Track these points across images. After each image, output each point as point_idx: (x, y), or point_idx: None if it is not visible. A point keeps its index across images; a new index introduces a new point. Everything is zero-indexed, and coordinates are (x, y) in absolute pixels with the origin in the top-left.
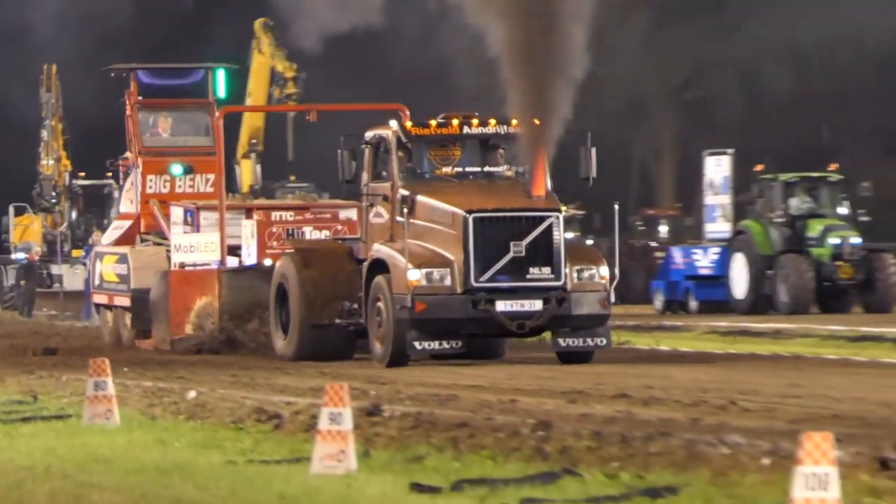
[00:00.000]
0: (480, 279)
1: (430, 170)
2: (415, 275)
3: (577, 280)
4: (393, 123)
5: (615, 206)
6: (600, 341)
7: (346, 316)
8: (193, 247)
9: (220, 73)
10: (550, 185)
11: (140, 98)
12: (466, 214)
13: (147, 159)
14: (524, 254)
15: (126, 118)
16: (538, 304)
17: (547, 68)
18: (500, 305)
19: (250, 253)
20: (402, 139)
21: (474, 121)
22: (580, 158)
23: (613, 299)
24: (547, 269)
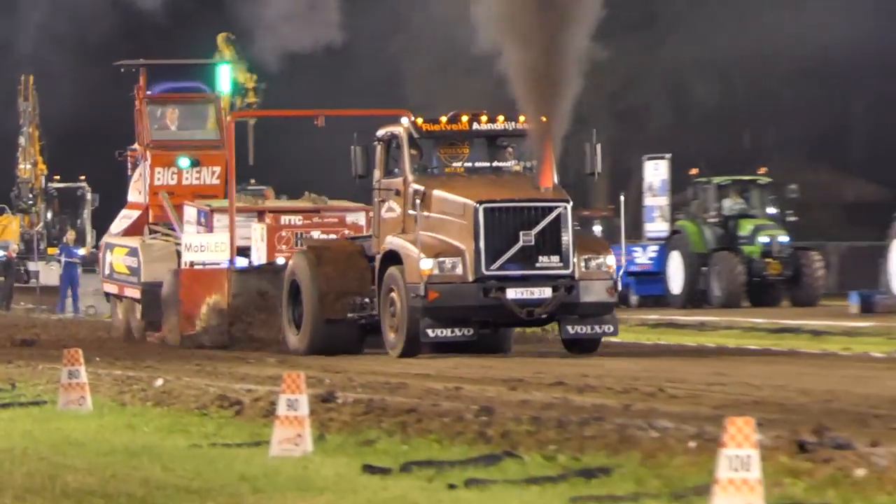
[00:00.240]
0: (491, 268)
1: (439, 166)
2: (427, 264)
3: (584, 269)
4: (404, 121)
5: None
6: (608, 328)
7: (358, 310)
8: (204, 246)
9: (225, 69)
10: (556, 178)
11: (149, 93)
12: (477, 205)
13: (155, 152)
14: (533, 243)
15: (135, 112)
16: (547, 292)
17: (553, 67)
18: (511, 293)
19: (259, 256)
20: (414, 136)
21: (483, 118)
22: (586, 154)
23: (620, 287)
24: (556, 258)
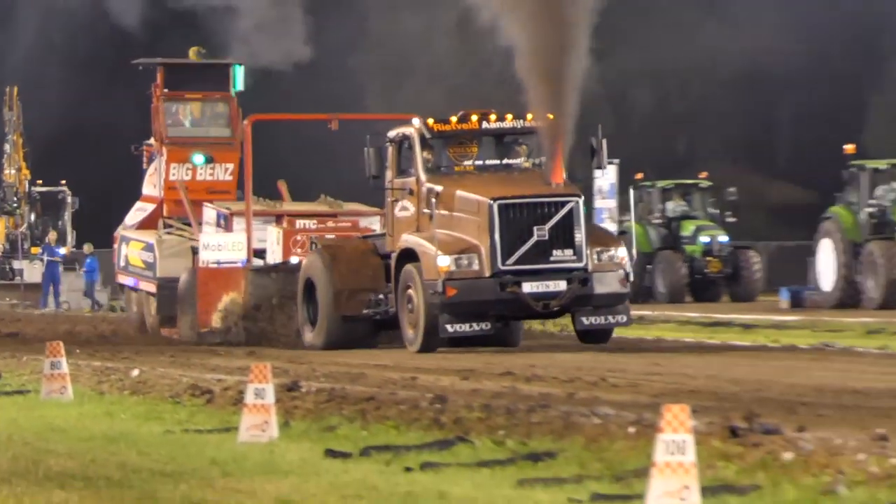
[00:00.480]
0: (507, 263)
1: (450, 165)
2: (444, 261)
3: (597, 261)
4: (415, 121)
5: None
6: (621, 318)
7: (372, 307)
8: (221, 245)
9: (240, 69)
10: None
11: (165, 91)
12: (491, 202)
13: (171, 148)
14: (547, 237)
15: (151, 108)
16: (562, 285)
17: (560, 66)
18: (527, 287)
19: (275, 258)
20: (426, 136)
21: (492, 116)
22: (596, 150)
23: (632, 278)
24: (569, 252)
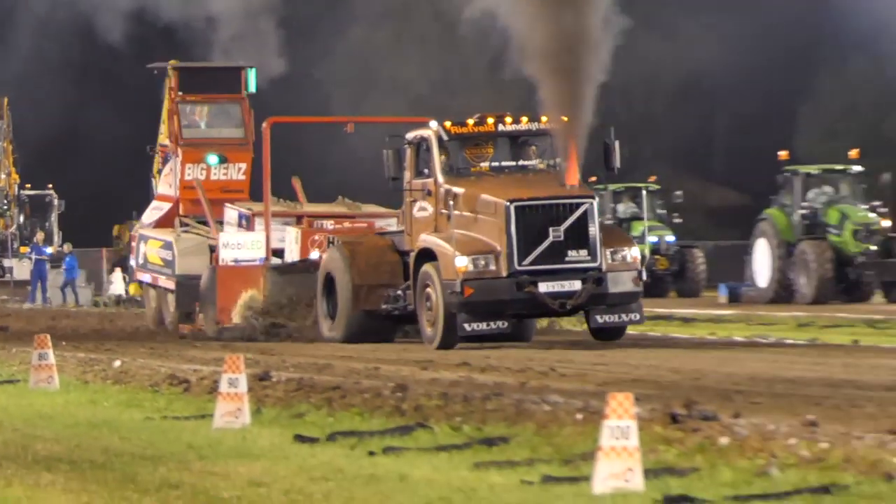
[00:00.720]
0: (523, 263)
1: (466, 167)
2: (462, 261)
3: (611, 261)
4: (433, 124)
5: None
6: (634, 316)
7: (391, 302)
8: (241, 244)
9: (252, 72)
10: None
11: (180, 93)
12: (508, 203)
13: (186, 149)
14: (562, 238)
15: (167, 111)
16: (577, 284)
17: (575, 69)
18: (543, 287)
19: (293, 257)
20: (443, 138)
21: (507, 119)
22: (609, 151)
23: (645, 277)
24: (584, 252)
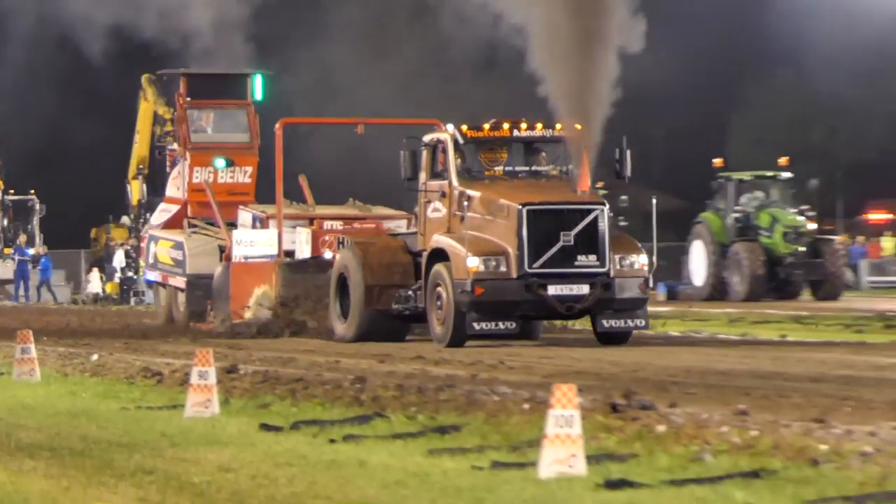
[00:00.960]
0: (533, 266)
1: (480, 170)
2: (474, 262)
3: (619, 267)
4: (449, 127)
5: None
6: (640, 322)
7: (402, 302)
8: (254, 241)
9: (258, 79)
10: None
11: (188, 99)
12: (521, 207)
13: (194, 153)
14: (573, 243)
15: (176, 116)
16: (585, 289)
17: (588, 79)
18: (552, 290)
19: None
20: (459, 141)
21: (523, 125)
22: (621, 159)
23: (652, 284)
24: (593, 257)
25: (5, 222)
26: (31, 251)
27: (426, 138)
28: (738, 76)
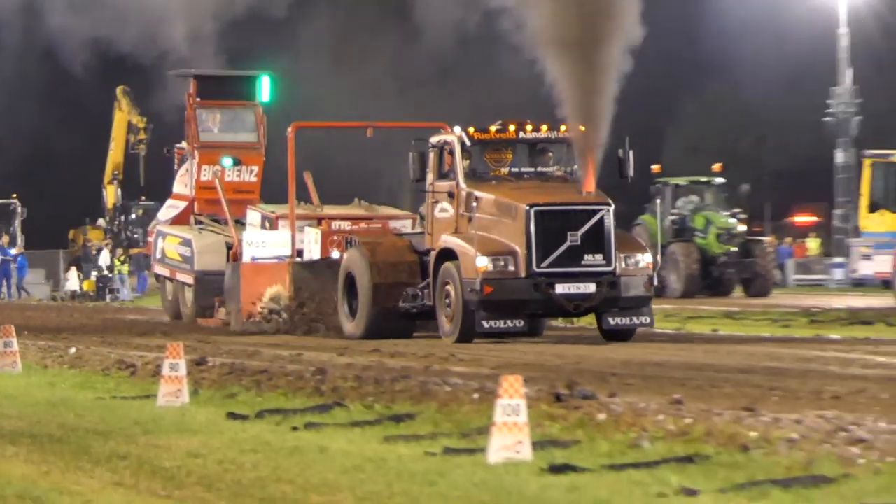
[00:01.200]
0: (541, 265)
1: (486, 171)
2: (483, 261)
3: (624, 266)
4: (457, 129)
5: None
6: (644, 320)
7: (409, 300)
8: (265, 242)
9: (265, 80)
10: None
11: (198, 99)
12: (528, 208)
13: (202, 152)
14: (579, 242)
15: (186, 116)
16: (592, 287)
17: (593, 82)
18: (559, 288)
19: (313, 257)
20: (466, 143)
21: (528, 126)
22: (623, 160)
23: (656, 283)
24: (599, 256)
25: None
26: (13, 251)
27: (433, 140)
28: (675, 89)
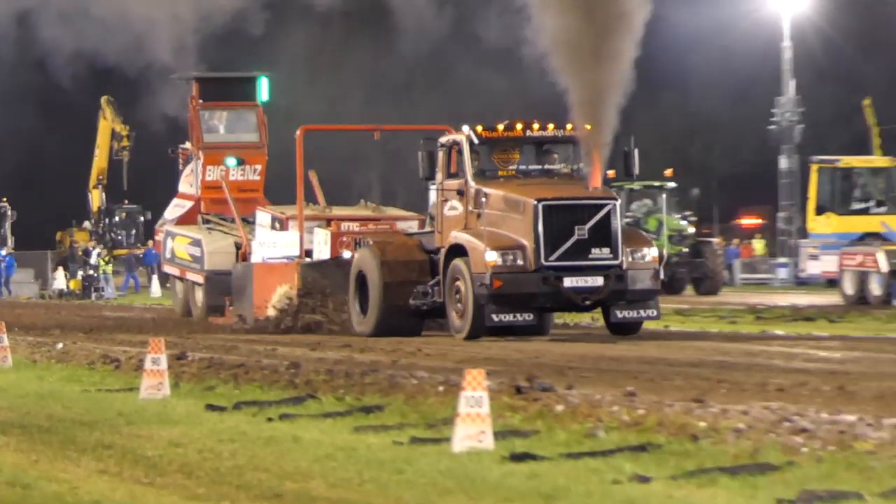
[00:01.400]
0: (549, 259)
1: (494, 170)
2: (492, 256)
3: (631, 259)
4: (465, 128)
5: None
6: (651, 313)
7: (420, 297)
8: (276, 243)
9: (264, 81)
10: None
11: (200, 101)
12: (536, 203)
13: (207, 152)
14: (587, 236)
15: (189, 117)
16: (599, 281)
17: (600, 81)
18: (567, 282)
19: (323, 257)
20: (474, 142)
21: (535, 125)
22: (629, 157)
23: (662, 276)
24: (606, 250)
25: None
26: (4, 251)
27: (442, 140)
28: (629, 100)
